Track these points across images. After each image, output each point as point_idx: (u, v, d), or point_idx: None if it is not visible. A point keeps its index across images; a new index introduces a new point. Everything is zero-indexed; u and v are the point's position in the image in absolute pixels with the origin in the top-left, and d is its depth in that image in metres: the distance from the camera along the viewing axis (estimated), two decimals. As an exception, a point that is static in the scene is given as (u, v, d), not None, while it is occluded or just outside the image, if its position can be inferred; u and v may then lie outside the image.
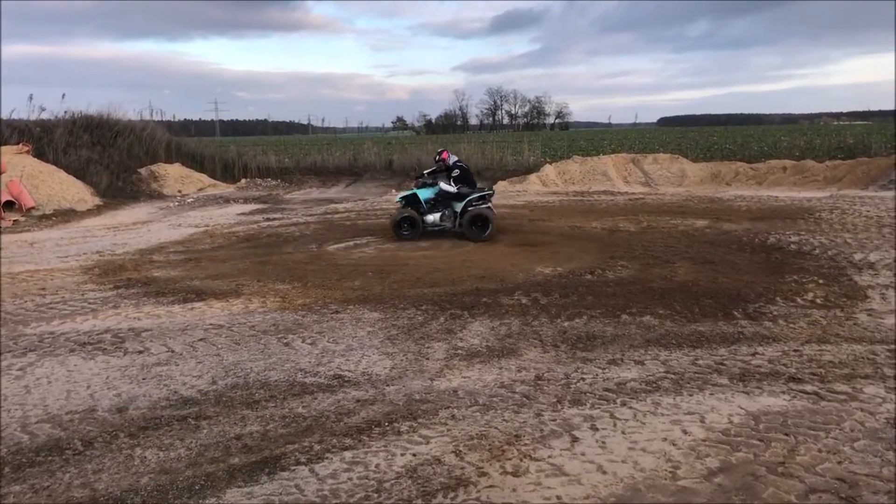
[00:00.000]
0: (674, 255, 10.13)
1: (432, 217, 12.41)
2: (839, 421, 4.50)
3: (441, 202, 12.51)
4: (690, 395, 4.99)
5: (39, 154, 20.51)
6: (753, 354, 5.84)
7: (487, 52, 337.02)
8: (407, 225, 12.30)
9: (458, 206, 12.28)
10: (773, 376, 5.32)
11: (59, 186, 18.89)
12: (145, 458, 4.21)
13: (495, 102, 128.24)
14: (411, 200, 12.64)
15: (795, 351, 5.89)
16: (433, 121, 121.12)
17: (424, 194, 12.55)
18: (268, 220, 16.14)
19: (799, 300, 7.48)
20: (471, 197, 12.27)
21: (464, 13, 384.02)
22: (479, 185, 13.31)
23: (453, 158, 12.93)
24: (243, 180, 26.05)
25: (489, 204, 12.43)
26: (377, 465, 4.04)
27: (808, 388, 5.07)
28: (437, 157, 13.04)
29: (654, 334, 6.44)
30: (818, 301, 7.42)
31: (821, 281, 8.28)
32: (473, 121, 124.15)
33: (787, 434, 4.32)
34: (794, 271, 8.88)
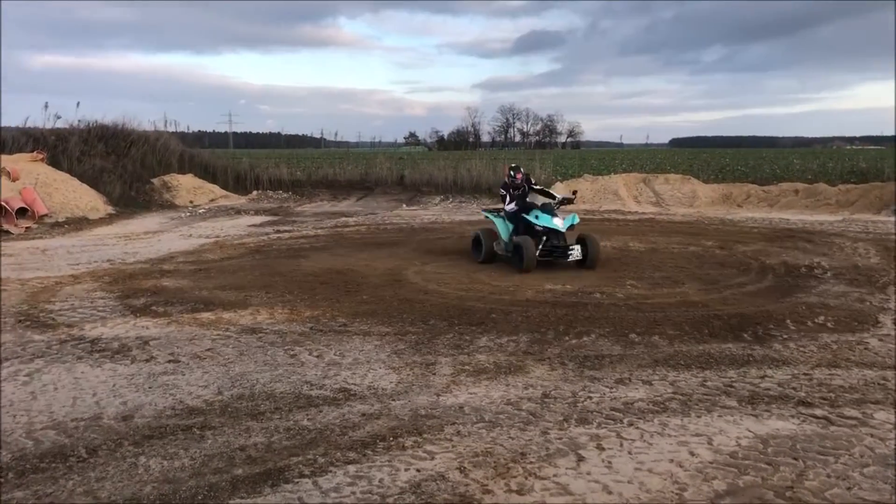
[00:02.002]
0: (684, 275, 10.09)
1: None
2: (849, 446, 4.44)
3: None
4: (698, 417, 4.95)
5: (54, 162, 20.69)
6: (763, 377, 5.79)
7: (508, 70, 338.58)
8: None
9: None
10: (783, 399, 5.27)
11: (72, 195, 19.04)
12: (149, 466, 4.20)
13: (507, 120, 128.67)
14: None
15: (805, 374, 5.84)
16: (445, 137, 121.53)
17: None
18: (278, 232, 16.19)
19: (809, 323, 7.42)
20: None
21: (490, 33, 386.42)
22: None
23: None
24: (255, 192, 26.17)
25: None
26: (381, 480, 4.02)
27: (818, 412, 5.02)
28: (512, 177, 11.33)
29: (663, 354, 6.40)
30: (829, 325, 7.36)
31: (832, 304, 8.22)
32: (485, 138, 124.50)
33: (795, 458, 4.27)
34: (805, 294, 8.82)
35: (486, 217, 12.07)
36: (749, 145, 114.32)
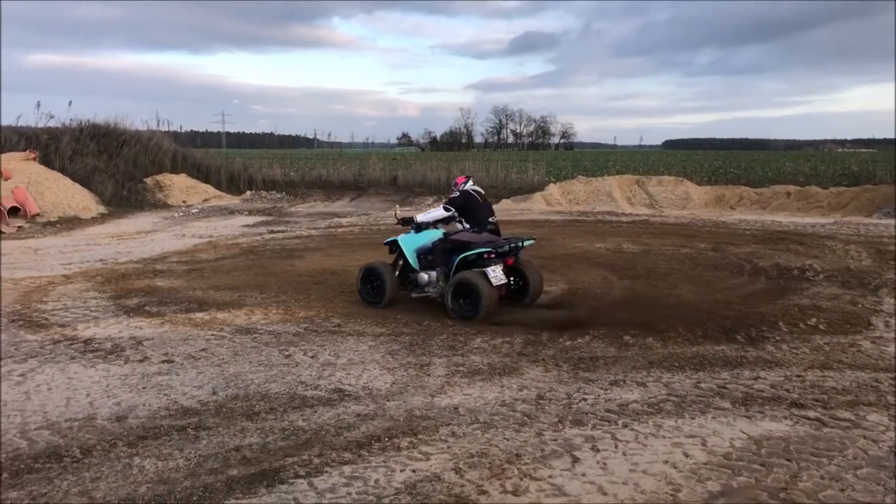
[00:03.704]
0: (677, 277, 10.12)
1: (426, 276, 8.14)
2: (842, 448, 4.46)
3: (441, 254, 8.14)
4: (692, 418, 4.97)
5: (46, 161, 20.61)
6: (756, 379, 5.81)
7: (502, 72, 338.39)
8: (372, 285, 8.35)
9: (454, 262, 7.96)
10: (776, 401, 5.29)
11: (64, 194, 18.98)
12: (144, 467, 4.19)
13: (501, 121, 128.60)
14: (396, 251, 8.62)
15: (798, 376, 5.86)
16: (438, 138, 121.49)
17: (413, 244, 8.43)
18: (272, 232, 16.17)
19: (802, 325, 7.46)
20: (470, 252, 7.79)
21: (484, 34, 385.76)
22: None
23: (469, 185, 9.04)
24: (248, 192, 26.14)
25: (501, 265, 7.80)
26: (376, 481, 4.02)
27: (811, 413, 5.04)
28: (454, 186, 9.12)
29: (657, 356, 6.42)
30: (821, 327, 7.39)
31: (824, 307, 8.26)
32: (478, 139, 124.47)
33: (789, 460, 4.29)
34: (797, 296, 8.86)
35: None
36: (741, 147, 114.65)
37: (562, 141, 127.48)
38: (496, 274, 7.61)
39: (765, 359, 6.35)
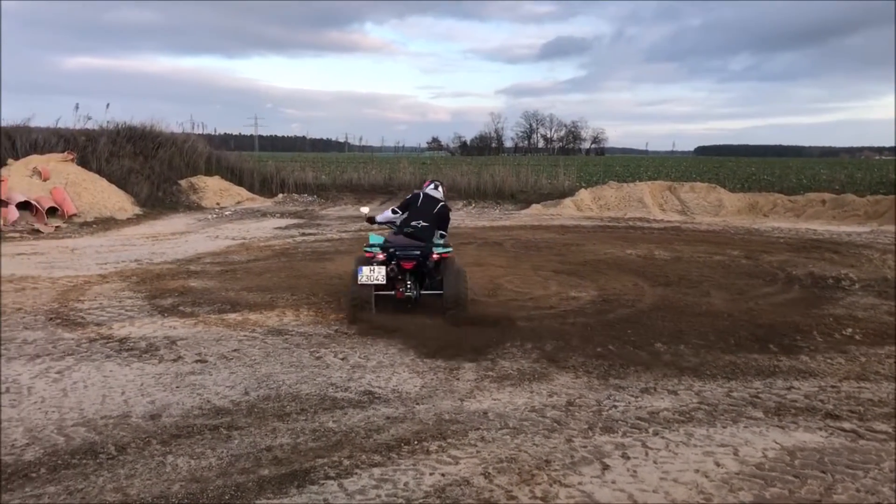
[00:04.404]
0: (709, 284, 10.02)
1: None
2: (878, 461, 4.39)
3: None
4: (724, 428, 4.92)
5: (83, 162, 20.94)
6: (789, 388, 5.74)
7: (533, 76, 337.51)
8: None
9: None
10: (810, 412, 5.23)
11: (100, 195, 19.28)
12: (177, 465, 4.25)
13: (531, 126, 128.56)
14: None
15: (833, 387, 5.78)
16: (468, 142, 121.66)
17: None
18: (303, 234, 16.29)
19: (837, 335, 7.35)
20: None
21: (516, 39, 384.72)
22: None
23: (429, 188, 8.82)
24: (280, 195, 26.34)
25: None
26: (406, 484, 4.04)
27: (847, 425, 4.97)
28: None
29: (688, 364, 6.36)
30: (857, 337, 7.28)
31: (860, 317, 8.13)
32: (508, 143, 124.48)
33: (823, 471, 4.23)
34: (832, 306, 8.73)
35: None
36: (775, 154, 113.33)
37: (593, 146, 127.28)
38: (364, 272, 7.58)
39: (799, 368, 6.27)
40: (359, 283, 7.62)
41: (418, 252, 7.86)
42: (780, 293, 9.59)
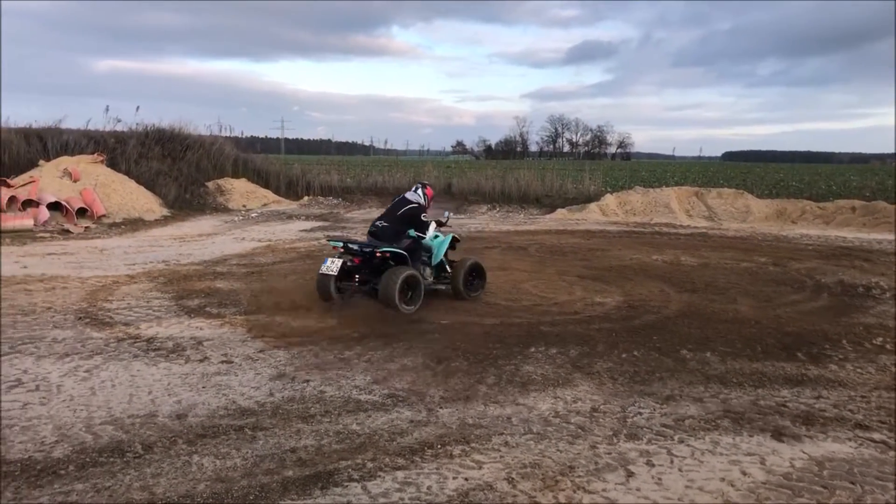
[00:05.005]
0: (736, 292, 9.93)
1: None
2: (909, 472, 4.32)
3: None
4: (751, 436, 4.87)
5: (112, 164, 21.20)
6: (818, 398, 5.67)
7: (559, 80, 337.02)
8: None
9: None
10: (839, 422, 5.15)
11: (129, 196, 19.51)
12: (202, 465, 4.29)
13: (556, 130, 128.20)
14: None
15: (863, 397, 5.70)
16: (492, 146, 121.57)
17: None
18: (328, 237, 16.36)
19: (867, 345, 7.24)
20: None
21: (542, 43, 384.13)
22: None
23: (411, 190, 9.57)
24: (306, 198, 26.49)
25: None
26: (429, 488, 4.03)
27: (876, 436, 4.89)
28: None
29: (715, 371, 6.31)
30: (887, 346, 7.17)
31: (891, 326, 8.01)
32: (533, 147, 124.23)
33: (852, 482, 4.17)
34: (862, 314, 8.61)
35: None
36: (804, 160, 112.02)
37: (619, 151, 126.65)
38: (326, 264, 8.50)
39: (827, 378, 6.19)
40: (319, 272, 8.55)
41: (369, 249, 8.45)
42: (809, 301, 9.48)
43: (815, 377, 6.20)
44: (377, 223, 8.97)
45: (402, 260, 8.56)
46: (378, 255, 8.41)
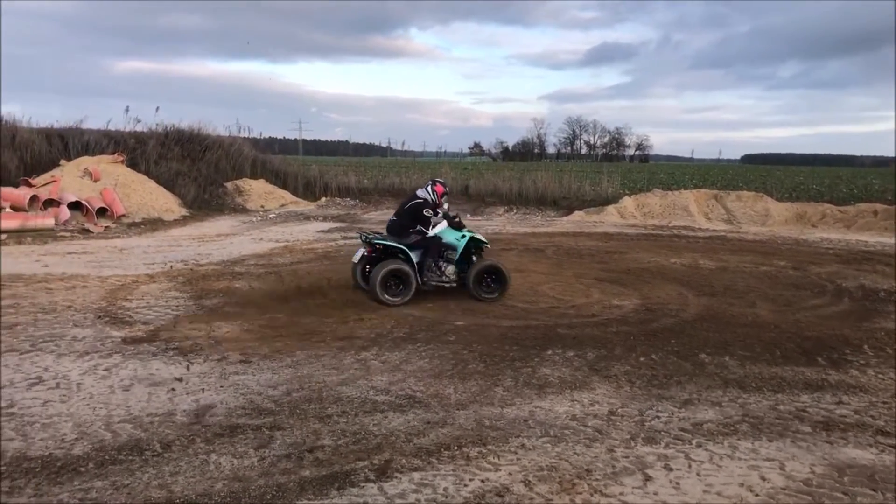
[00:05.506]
0: (755, 295, 9.85)
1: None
2: (931, 480, 4.27)
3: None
4: (770, 441, 4.82)
5: (132, 164, 21.39)
6: (838, 403, 5.61)
7: (577, 82, 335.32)
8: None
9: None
10: (860, 428, 5.10)
11: (148, 196, 19.67)
12: (220, 464, 4.31)
13: (574, 132, 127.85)
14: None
15: (884, 403, 5.63)
16: (510, 148, 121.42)
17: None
18: (345, 238, 16.40)
19: (888, 350, 7.16)
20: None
21: (560, 45, 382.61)
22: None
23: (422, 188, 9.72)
24: (323, 199, 26.58)
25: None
26: (445, 489, 4.03)
27: (898, 442, 4.83)
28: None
29: (733, 376, 6.26)
30: (910, 352, 7.08)
31: (913, 331, 7.92)
32: (551, 149, 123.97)
33: (874, 489, 4.12)
34: (884, 319, 8.51)
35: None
36: (824, 163, 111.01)
37: (637, 153, 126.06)
38: (355, 254, 9.54)
39: (848, 383, 6.12)
40: (352, 261, 9.59)
41: (376, 242, 9.16)
42: (829, 305, 9.39)
43: (835, 382, 6.13)
44: (392, 219, 9.66)
45: (400, 253, 9.05)
46: (378, 247, 9.13)
